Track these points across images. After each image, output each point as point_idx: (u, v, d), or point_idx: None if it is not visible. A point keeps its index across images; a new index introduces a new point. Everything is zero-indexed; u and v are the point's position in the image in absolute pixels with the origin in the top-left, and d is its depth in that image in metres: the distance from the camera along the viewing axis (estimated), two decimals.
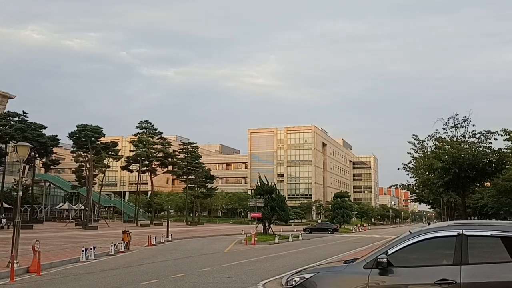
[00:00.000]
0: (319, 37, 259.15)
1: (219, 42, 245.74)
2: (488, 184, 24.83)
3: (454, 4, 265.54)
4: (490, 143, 21.27)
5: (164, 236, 32.46)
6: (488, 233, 5.80)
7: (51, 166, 65.96)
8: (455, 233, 5.84)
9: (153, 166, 69.81)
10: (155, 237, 29.74)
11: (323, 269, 6.61)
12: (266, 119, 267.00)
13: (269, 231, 39.05)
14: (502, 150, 20.94)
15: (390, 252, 5.93)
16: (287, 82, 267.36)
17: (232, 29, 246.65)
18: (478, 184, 23.34)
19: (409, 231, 6.32)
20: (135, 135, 69.02)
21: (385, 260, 5.76)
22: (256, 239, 31.88)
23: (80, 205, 66.22)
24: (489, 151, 21.07)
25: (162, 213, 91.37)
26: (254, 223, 37.71)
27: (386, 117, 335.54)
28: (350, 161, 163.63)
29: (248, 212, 51.88)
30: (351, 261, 6.34)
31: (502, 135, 18.09)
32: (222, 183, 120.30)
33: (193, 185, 78.87)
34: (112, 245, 22.31)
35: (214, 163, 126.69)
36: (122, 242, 24.01)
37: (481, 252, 5.75)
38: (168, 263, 18.54)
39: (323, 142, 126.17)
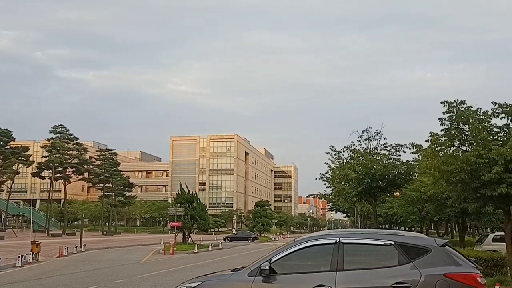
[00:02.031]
0: (244, 48, 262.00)
1: (142, 46, 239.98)
2: (397, 194, 26.28)
3: (371, 23, 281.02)
4: (400, 155, 22.63)
5: (77, 246, 31.02)
6: (362, 241, 6.21)
7: None
8: (333, 241, 6.16)
9: (67, 173, 66.59)
10: (67, 248, 28.36)
11: (209, 277, 6.71)
12: (189, 127, 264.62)
13: (189, 241, 38.60)
14: (410, 162, 22.32)
15: (273, 259, 6.14)
16: (211, 90, 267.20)
17: (157, 35, 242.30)
18: (388, 194, 24.66)
19: (293, 240, 6.62)
20: (48, 140, 65.41)
21: (267, 267, 5.96)
22: (175, 248, 31.38)
23: None
24: (399, 163, 22.37)
25: (76, 222, 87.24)
26: (174, 232, 37.11)
27: (308, 128, 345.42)
28: (271, 170, 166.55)
29: (168, 221, 50.88)
30: (239, 269, 6.49)
31: (410, 148, 19.20)
32: (141, 192, 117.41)
33: (110, 193, 76.26)
34: (19, 256, 20.95)
35: (134, 171, 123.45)
36: (31, 253, 22.64)
37: (356, 258, 6.09)
38: (80, 274, 17.70)
39: (245, 151, 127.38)
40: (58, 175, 65.34)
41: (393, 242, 5.98)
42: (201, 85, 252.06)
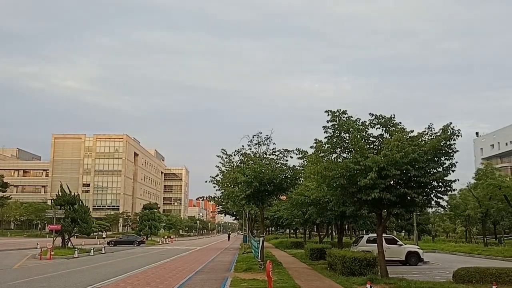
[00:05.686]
0: (135, 46, 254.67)
1: (23, 37, 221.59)
2: (283, 197, 27.19)
3: (265, 32, 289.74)
4: (287, 160, 23.52)
5: None
6: None
7: None
8: None
9: None
10: None
11: None
12: (74, 125, 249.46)
13: (69, 245, 36.42)
14: (296, 167, 23.31)
15: None
16: (99, 88, 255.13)
17: (40, 25, 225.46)
18: (275, 198, 25.43)
19: None
20: None
21: None
22: (52, 253, 29.39)
23: None
24: (286, 167, 23.22)
25: None
26: (52, 236, 34.75)
27: (201, 131, 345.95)
28: (162, 172, 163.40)
29: (46, 224, 47.47)
30: None
31: (296, 154, 20.05)
32: (17, 192, 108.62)
33: None
34: None
35: (9, 169, 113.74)
36: None
37: None
38: None
39: (135, 152, 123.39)
40: None
41: None
42: (88, 82, 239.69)
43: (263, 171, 21.64)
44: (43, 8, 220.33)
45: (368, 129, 15.95)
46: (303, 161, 21.47)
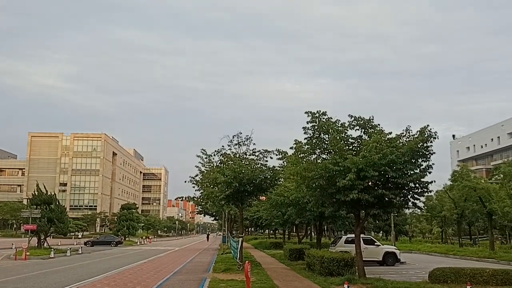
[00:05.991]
0: (113, 43, 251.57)
1: None
2: (263, 198, 27.23)
3: (241, 32, 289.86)
4: (267, 161, 23.55)
5: None
6: None
7: None
8: None
9: None
10: None
11: None
12: (52, 123, 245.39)
13: (45, 245, 35.79)
14: (276, 168, 23.37)
15: None
16: (77, 86, 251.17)
17: (16, 21, 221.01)
18: (255, 198, 25.46)
19: None
20: None
21: None
22: (28, 253, 28.88)
23: None
24: (265, 168, 23.27)
25: None
26: (28, 236, 34.15)
27: (180, 131, 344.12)
28: (140, 172, 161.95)
29: (22, 224, 46.64)
30: None
31: (276, 155, 20.16)
32: None
33: None
34: None
35: None
36: None
37: None
38: None
39: (113, 152, 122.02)
40: None
41: None
42: (66, 80, 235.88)
43: (243, 171, 21.61)
44: (16, 4, 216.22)
45: (347, 130, 16.09)
46: (283, 162, 21.54)
